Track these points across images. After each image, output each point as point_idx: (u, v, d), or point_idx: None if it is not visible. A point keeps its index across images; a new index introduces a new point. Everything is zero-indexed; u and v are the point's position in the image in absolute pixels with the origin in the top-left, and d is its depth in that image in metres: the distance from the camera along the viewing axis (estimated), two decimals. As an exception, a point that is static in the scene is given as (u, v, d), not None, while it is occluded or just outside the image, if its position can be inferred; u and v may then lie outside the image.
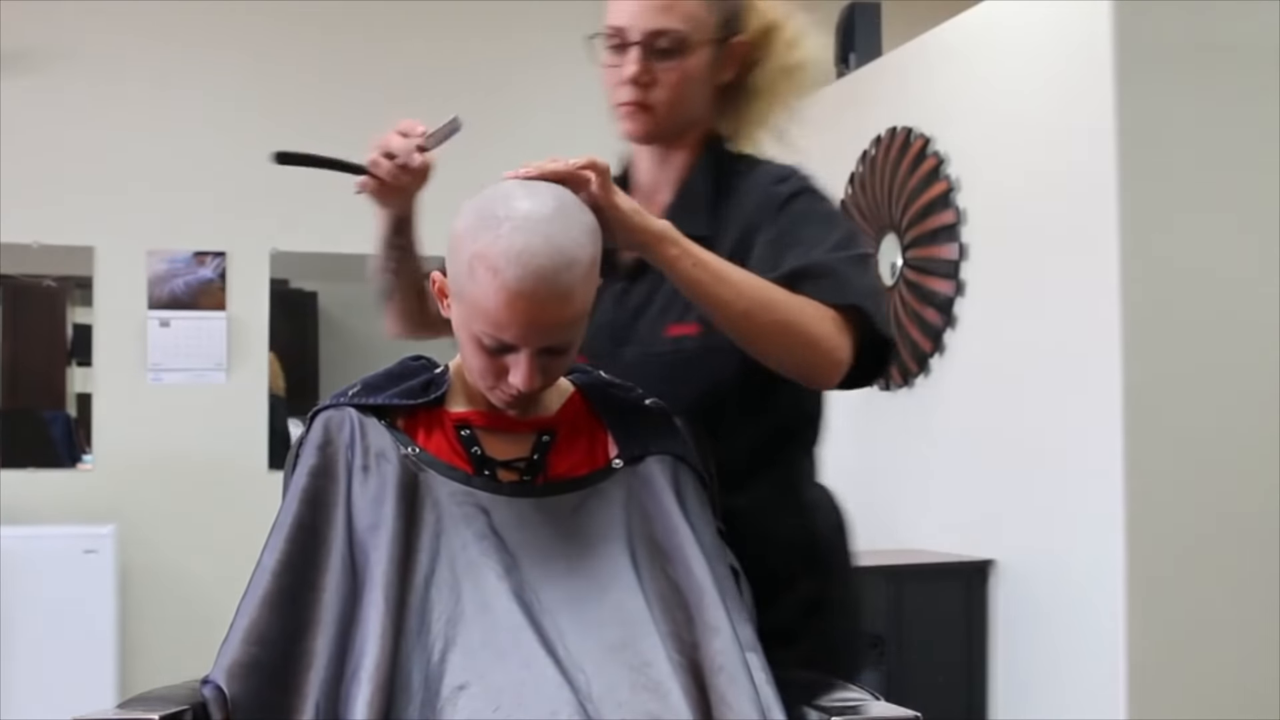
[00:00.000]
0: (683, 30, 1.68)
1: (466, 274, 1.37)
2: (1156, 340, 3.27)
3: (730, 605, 1.39)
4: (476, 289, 1.36)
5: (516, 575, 1.37)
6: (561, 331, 1.39)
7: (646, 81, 1.68)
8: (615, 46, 1.69)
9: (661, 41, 1.68)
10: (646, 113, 1.70)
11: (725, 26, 1.73)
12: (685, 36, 1.68)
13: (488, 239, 1.35)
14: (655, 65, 1.68)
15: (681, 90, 1.70)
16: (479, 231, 1.36)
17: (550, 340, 1.39)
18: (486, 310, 1.36)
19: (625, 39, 1.68)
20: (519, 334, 1.36)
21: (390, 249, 1.72)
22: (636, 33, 1.68)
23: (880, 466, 4.34)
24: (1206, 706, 3.19)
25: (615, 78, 1.70)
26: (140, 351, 4.73)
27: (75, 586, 4.23)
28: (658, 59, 1.68)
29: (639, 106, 1.70)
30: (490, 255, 1.34)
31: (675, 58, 1.69)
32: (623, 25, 1.68)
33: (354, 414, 1.46)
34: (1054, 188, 3.52)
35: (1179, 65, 3.32)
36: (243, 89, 4.83)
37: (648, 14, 1.67)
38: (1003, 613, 3.71)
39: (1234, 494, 3.29)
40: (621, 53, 1.69)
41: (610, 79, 1.71)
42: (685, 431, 1.57)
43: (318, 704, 1.29)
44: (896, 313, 4.19)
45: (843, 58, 4.76)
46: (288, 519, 1.39)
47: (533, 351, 1.38)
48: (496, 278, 1.33)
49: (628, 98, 1.69)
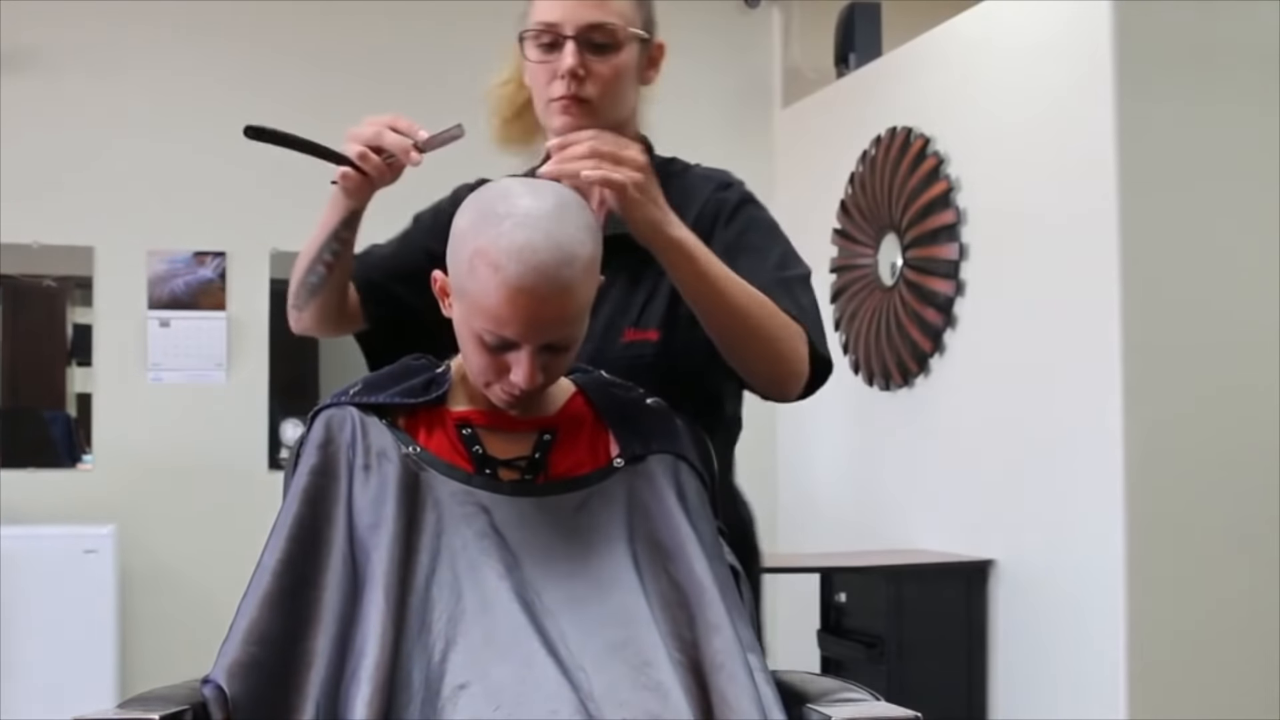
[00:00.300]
0: (616, 25, 1.69)
1: (467, 271, 1.37)
2: (1156, 340, 3.27)
3: (731, 604, 1.39)
4: (477, 286, 1.36)
5: (517, 574, 1.37)
6: (563, 328, 1.39)
7: (582, 76, 1.68)
8: (547, 43, 1.69)
9: (597, 36, 1.68)
10: (582, 107, 1.69)
11: (647, 27, 1.74)
12: (618, 31, 1.69)
13: (489, 236, 1.35)
14: (590, 60, 1.68)
15: (615, 86, 1.71)
16: (480, 228, 1.37)
17: (551, 336, 1.39)
18: (487, 307, 1.36)
19: (559, 34, 1.68)
20: (520, 330, 1.37)
21: (335, 242, 1.68)
22: (571, 27, 1.67)
23: (880, 466, 4.34)
24: (1206, 706, 3.19)
25: (547, 74, 1.69)
26: (140, 351, 4.73)
27: (75, 586, 4.23)
28: (592, 54, 1.68)
29: (575, 100, 1.69)
30: (491, 252, 1.34)
31: (609, 53, 1.69)
32: (555, 20, 1.68)
33: (355, 413, 1.46)
34: (1054, 187, 3.52)
35: (1179, 65, 3.32)
36: (243, 89, 4.82)
37: (582, 9, 1.68)
38: (1003, 613, 3.71)
39: (1234, 494, 3.29)
40: (553, 49, 1.68)
41: (541, 76, 1.70)
42: (686, 431, 1.57)
43: (318, 703, 1.29)
44: (896, 312, 4.19)
45: (843, 58, 4.76)
46: (288, 518, 1.39)
47: (534, 349, 1.38)
48: (497, 274, 1.34)
49: (563, 92, 1.68)
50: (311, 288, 1.71)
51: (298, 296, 1.73)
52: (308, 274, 1.70)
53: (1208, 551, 3.26)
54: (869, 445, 4.43)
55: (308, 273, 1.70)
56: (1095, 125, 3.32)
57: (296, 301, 1.74)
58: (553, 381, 1.46)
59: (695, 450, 1.55)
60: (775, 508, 4.92)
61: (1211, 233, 3.32)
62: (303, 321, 1.77)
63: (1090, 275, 3.35)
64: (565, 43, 1.67)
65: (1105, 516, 3.26)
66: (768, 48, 5.28)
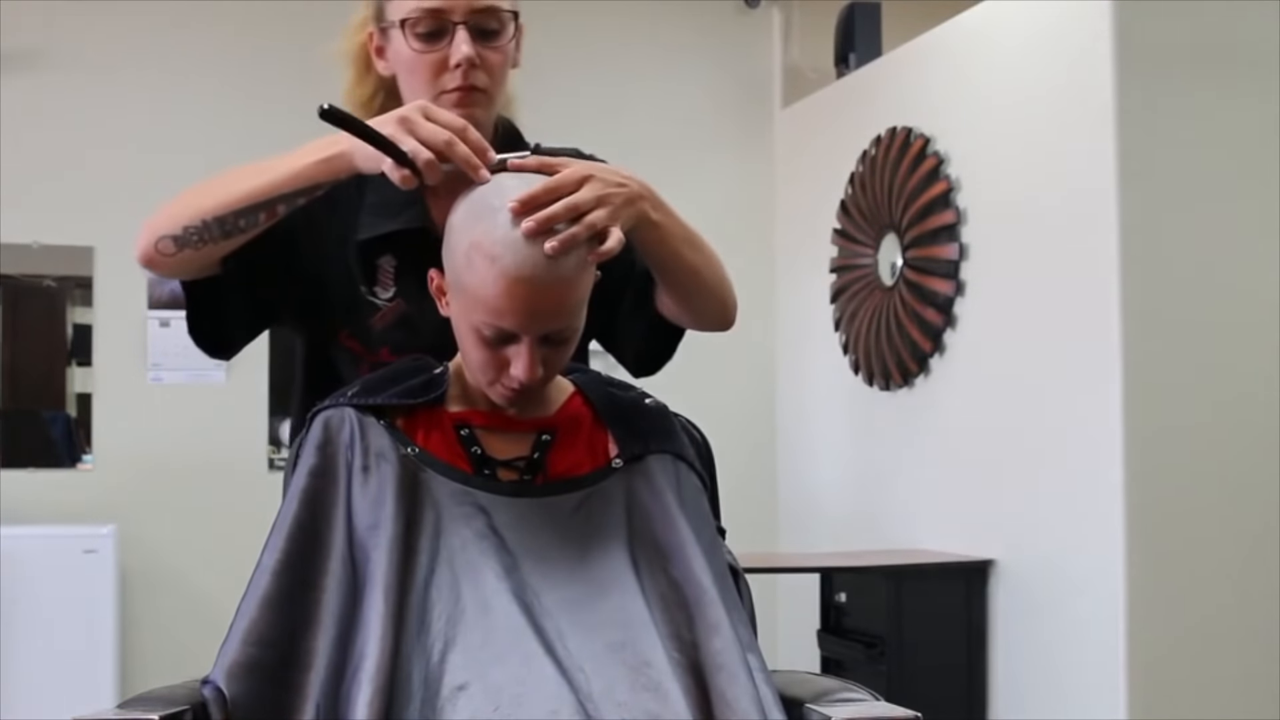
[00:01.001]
0: (503, 8, 1.62)
1: (464, 264, 1.37)
2: (1156, 339, 3.27)
3: (730, 605, 1.39)
4: (474, 278, 1.36)
5: (516, 575, 1.37)
6: (560, 317, 1.38)
7: (478, 64, 1.59)
8: (432, 32, 1.59)
9: (490, 22, 1.60)
10: (475, 96, 1.61)
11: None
12: (505, 15, 1.62)
13: (484, 228, 1.35)
14: (479, 47, 1.59)
15: (502, 72, 1.63)
16: (474, 222, 1.37)
17: (550, 326, 1.38)
18: (485, 299, 1.35)
19: (448, 20, 1.59)
20: (519, 321, 1.36)
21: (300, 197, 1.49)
22: (460, 13, 1.58)
23: (880, 466, 4.34)
24: (1206, 707, 3.19)
25: (433, 64, 1.60)
26: (140, 351, 4.73)
27: (75, 586, 4.23)
28: (481, 40, 1.60)
29: (473, 90, 1.60)
30: (487, 243, 1.34)
31: (497, 38, 1.61)
32: (443, 6, 1.58)
33: (353, 414, 1.46)
34: (1054, 187, 3.52)
35: (1179, 65, 3.32)
36: (244, 88, 4.82)
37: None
38: (1003, 613, 3.71)
39: (1234, 494, 3.29)
40: (436, 38, 1.59)
41: (424, 67, 1.60)
42: (684, 431, 1.57)
43: (318, 704, 1.29)
44: (896, 312, 4.19)
45: (843, 58, 4.76)
46: (287, 519, 1.39)
47: (533, 341, 1.38)
48: (494, 265, 1.34)
49: (460, 83, 1.59)
50: (228, 231, 1.48)
51: (188, 236, 1.48)
52: (237, 214, 1.48)
53: (1208, 551, 3.26)
54: (869, 445, 4.42)
55: (238, 213, 1.48)
56: (1095, 125, 3.32)
57: (190, 236, 1.48)
58: (553, 376, 1.46)
59: (694, 450, 1.55)
60: (775, 508, 4.93)
61: (1212, 232, 3.32)
62: (171, 262, 1.51)
63: (1090, 275, 3.35)
64: (455, 30, 1.58)
65: (1105, 516, 3.26)
66: (768, 48, 5.28)
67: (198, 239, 1.49)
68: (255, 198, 1.48)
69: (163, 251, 1.50)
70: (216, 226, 1.48)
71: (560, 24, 4.84)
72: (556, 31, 4.85)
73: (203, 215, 1.49)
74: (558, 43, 4.79)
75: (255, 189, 1.48)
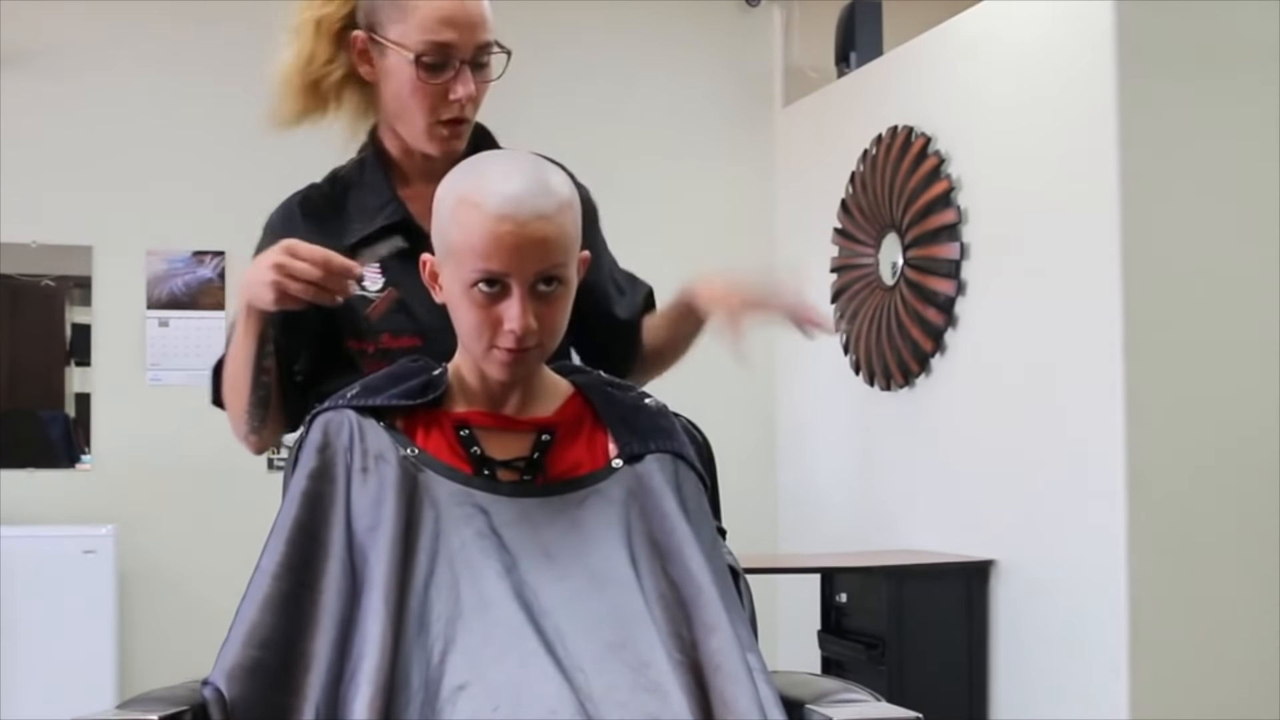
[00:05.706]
0: (494, 40, 1.68)
1: (451, 222, 1.41)
2: (1157, 339, 3.26)
3: (729, 604, 1.39)
4: (461, 231, 1.39)
5: (516, 575, 1.37)
6: (548, 255, 1.40)
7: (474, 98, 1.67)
8: (436, 64, 1.64)
9: (485, 56, 1.67)
10: (464, 128, 1.70)
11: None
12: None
13: (469, 183, 1.41)
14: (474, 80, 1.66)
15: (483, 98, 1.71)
16: (459, 181, 1.43)
17: (538, 266, 1.39)
18: (474, 245, 1.38)
19: (454, 55, 1.64)
20: (506, 259, 1.38)
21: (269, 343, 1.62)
22: (466, 51, 1.64)
23: (880, 466, 4.34)
24: (1207, 706, 3.19)
25: (433, 95, 1.65)
26: (139, 351, 4.72)
27: (75, 586, 4.23)
28: (475, 73, 1.66)
29: (463, 123, 1.69)
30: (473, 194, 1.39)
31: (487, 71, 1.69)
32: (451, 43, 1.64)
33: (353, 416, 1.46)
34: (1055, 187, 3.51)
35: (1179, 65, 3.32)
36: (243, 88, 4.80)
37: (475, 31, 1.65)
38: (1003, 613, 3.71)
39: (1234, 494, 3.28)
40: (439, 70, 1.64)
41: (427, 97, 1.66)
42: (684, 431, 1.57)
43: (318, 706, 1.30)
44: (897, 312, 4.19)
45: (843, 57, 4.75)
46: (287, 521, 1.39)
47: (524, 290, 1.39)
48: (479, 209, 1.38)
49: (455, 114, 1.67)
50: (262, 400, 1.65)
51: (253, 417, 1.67)
52: (254, 389, 1.64)
53: (1208, 551, 3.26)
54: (869, 445, 4.42)
55: (254, 388, 1.64)
56: (1096, 124, 3.32)
57: (253, 424, 1.67)
58: (547, 338, 1.45)
59: (694, 450, 1.55)
60: (775, 508, 4.92)
61: (1213, 232, 3.32)
62: (264, 437, 1.70)
63: (1091, 274, 3.34)
64: (460, 67, 1.64)
65: (1106, 516, 3.26)
66: (768, 47, 5.28)
67: (258, 421, 1.67)
68: (248, 374, 1.64)
69: (255, 442, 1.71)
70: (258, 406, 1.66)
71: (560, 23, 4.84)
72: (557, 31, 4.85)
73: (245, 410, 1.67)
74: (558, 42, 4.79)
75: (242, 370, 1.64)
